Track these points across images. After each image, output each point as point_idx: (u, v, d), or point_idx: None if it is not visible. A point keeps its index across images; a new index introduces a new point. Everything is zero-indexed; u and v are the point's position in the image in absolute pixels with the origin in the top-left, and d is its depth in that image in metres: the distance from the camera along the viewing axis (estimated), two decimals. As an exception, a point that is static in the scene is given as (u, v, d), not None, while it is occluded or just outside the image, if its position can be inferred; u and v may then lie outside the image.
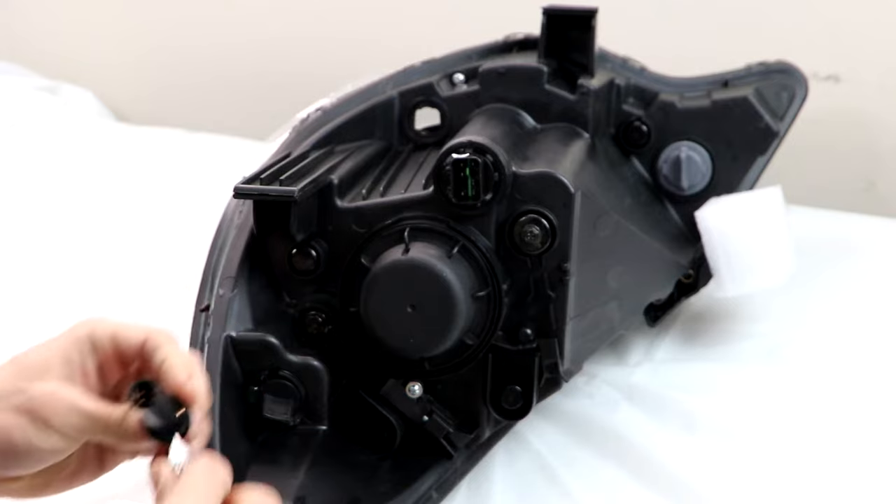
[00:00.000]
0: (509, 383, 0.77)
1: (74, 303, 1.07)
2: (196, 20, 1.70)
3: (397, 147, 0.91)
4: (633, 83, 0.96)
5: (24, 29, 1.86)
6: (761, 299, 0.98)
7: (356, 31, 1.56)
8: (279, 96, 1.33)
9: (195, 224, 0.88)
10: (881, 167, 1.30)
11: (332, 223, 0.77)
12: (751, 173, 0.96)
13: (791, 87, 0.98)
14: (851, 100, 1.28)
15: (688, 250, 0.94)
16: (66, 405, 0.59)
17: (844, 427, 0.84)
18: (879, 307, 1.00)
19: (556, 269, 0.75)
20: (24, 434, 0.59)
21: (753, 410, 0.86)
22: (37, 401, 0.59)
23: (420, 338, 0.73)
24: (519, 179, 0.74)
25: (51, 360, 0.61)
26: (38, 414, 0.59)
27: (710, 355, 0.95)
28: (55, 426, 0.59)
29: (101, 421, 0.59)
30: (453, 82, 0.92)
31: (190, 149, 1.48)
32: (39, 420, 0.59)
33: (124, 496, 0.80)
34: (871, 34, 1.26)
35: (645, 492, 0.79)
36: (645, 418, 0.86)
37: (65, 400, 0.59)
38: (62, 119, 1.60)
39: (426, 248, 0.73)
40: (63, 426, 0.59)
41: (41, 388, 0.59)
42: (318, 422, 0.77)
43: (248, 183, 0.74)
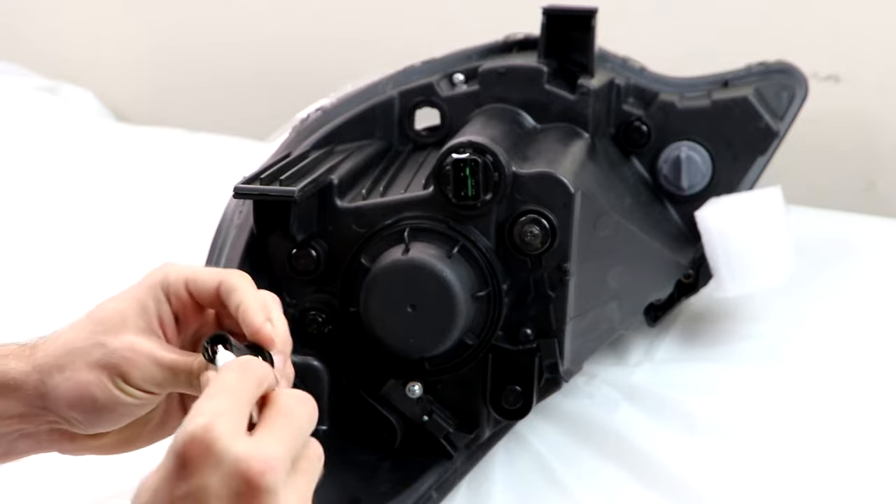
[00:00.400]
0: (509, 383, 0.77)
1: (75, 302, 1.07)
2: (196, 20, 1.70)
3: (397, 147, 0.91)
4: (633, 83, 0.96)
5: (24, 29, 1.86)
6: (761, 299, 0.98)
7: (356, 31, 1.56)
8: (279, 96, 1.33)
9: (195, 224, 0.88)
10: (881, 167, 1.30)
11: (332, 223, 0.77)
12: (751, 173, 0.96)
13: (791, 87, 0.98)
14: (851, 100, 1.28)
15: (688, 250, 0.94)
16: (145, 359, 0.57)
17: (844, 427, 0.84)
18: (879, 307, 1.00)
19: (556, 269, 0.75)
20: (106, 390, 0.57)
21: (753, 410, 0.86)
22: (116, 356, 0.57)
23: (420, 338, 0.73)
24: (519, 179, 0.74)
25: (126, 311, 0.59)
26: (118, 369, 0.57)
27: (710, 355, 0.95)
28: (135, 381, 0.57)
29: (182, 373, 0.58)
30: (453, 82, 0.92)
31: (190, 149, 1.48)
32: (119, 376, 0.57)
33: (124, 496, 0.80)
34: (871, 34, 1.26)
35: (645, 492, 0.79)
36: (645, 418, 0.86)
37: (144, 354, 0.58)
38: (62, 119, 1.60)
39: (426, 248, 0.73)
40: (143, 381, 0.58)
41: (119, 341, 0.58)
42: (319, 422, 0.77)
43: (248, 183, 0.74)
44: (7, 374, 0.59)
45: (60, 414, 0.59)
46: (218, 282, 0.59)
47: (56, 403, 0.58)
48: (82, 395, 0.57)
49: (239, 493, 0.46)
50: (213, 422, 0.46)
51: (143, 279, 0.61)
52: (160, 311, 0.60)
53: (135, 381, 0.57)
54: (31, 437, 0.61)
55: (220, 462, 0.46)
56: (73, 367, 0.58)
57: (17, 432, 0.60)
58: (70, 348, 0.58)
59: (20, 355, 0.60)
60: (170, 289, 0.60)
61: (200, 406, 0.48)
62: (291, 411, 0.51)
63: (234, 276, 0.60)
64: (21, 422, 0.59)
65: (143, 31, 1.76)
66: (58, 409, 0.58)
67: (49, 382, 0.58)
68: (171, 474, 0.47)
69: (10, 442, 0.60)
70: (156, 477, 0.47)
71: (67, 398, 0.58)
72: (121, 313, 0.59)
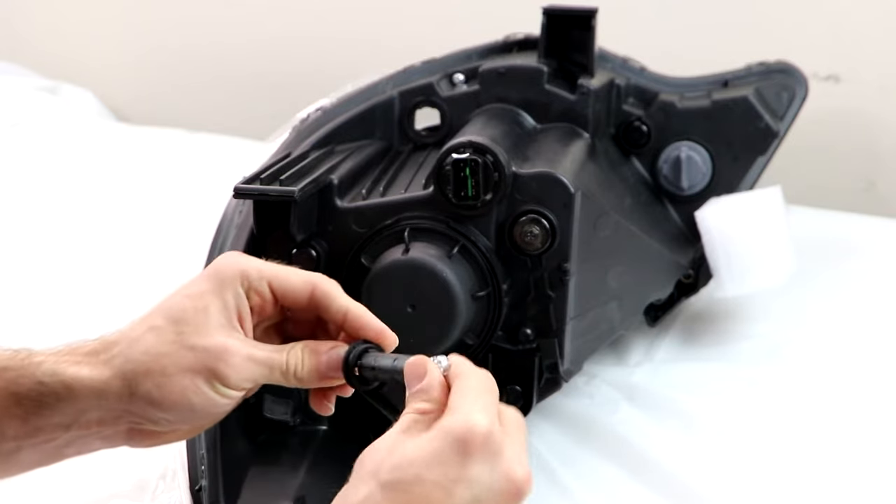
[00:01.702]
0: (509, 383, 0.77)
1: (75, 302, 1.07)
2: (196, 20, 1.70)
3: (397, 147, 0.91)
4: (633, 83, 0.96)
5: (24, 29, 1.86)
6: (761, 299, 0.98)
7: (356, 31, 1.56)
8: (279, 96, 1.34)
9: (195, 224, 0.88)
10: (881, 167, 1.30)
11: (332, 223, 0.77)
12: (751, 173, 0.96)
13: (791, 87, 0.98)
14: (851, 100, 1.28)
15: (688, 250, 0.94)
16: (241, 359, 0.57)
17: (844, 427, 0.84)
18: (879, 307, 1.00)
19: (556, 269, 0.75)
20: (203, 394, 0.57)
21: (753, 410, 0.86)
22: (210, 359, 0.57)
23: (420, 338, 0.73)
24: (519, 179, 0.74)
25: (208, 308, 0.58)
26: (214, 373, 0.57)
27: (710, 355, 0.95)
28: (233, 382, 0.57)
29: (276, 368, 0.58)
30: (453, 82, 0.92)
31: (190, 149, 1.48)
32: (216, 378, 0.57)
33: (124, 496, 0.81)
34: (871, 34, 1.26)
35: (644, 491, 0.79)
36: (645, 418, 0.86)
37: (239, 354, 0.57)
38: (62, 119, 1.60)
39: (426, 248, 0.73)
40: (240, 380, 0.57)
41: (210, 342, 0.57)
42: (318, 422, 0.77)
43: (248, 183, 0.74)
44: (82, 382, 0.57)
45: (148, 417, 0.58)
46: (311, 286, 0.60)
47: (146, 409, 0.57)
48: (178, 401, 0.57)
49: (504, 492, 0.50)
50: (495, 427, 0.51)
51: (213, 273, 0.60)
52: (240, 306, 0.59)
53: (232, 382, 0.57)
54: (109, 438, 0.60)
55: (496, 459, 0.50)
56: (164, 373, 0.57)
57: (95, 434, 0.59)
58: (156, 353, 0.57)
59: (93, 362, 0.58)
60: (251, 285, 0.59)
61: (472, 404, 0.51)
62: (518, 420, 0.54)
63: (327, 281, 0.61)
64: (100, 425, 0.59)
65: (143, 31, 1.76)
66: (146, 413, 0.58)
67: (138, 390, 0.57)
68: (445, 454, 0.50)
69: (84, 442, 0.59)
70: (421, 451, 0.50)
71: (162, 404, 0.57)
72: (203, 312, 0.58)
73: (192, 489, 0.73)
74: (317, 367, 0.59)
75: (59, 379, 0.57)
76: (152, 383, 0.57)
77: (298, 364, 0.59)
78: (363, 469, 0.51)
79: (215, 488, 0.72)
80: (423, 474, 0.49)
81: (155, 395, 0.57)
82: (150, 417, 0.58)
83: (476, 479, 0.50)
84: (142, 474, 0.82)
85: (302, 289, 0.60)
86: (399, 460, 0.50)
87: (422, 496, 0.49)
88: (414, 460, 0.50)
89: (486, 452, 0.50)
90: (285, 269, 0.61)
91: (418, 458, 0.50)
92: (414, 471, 0.50)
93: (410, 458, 0.50)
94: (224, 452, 0.73)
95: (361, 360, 0.59)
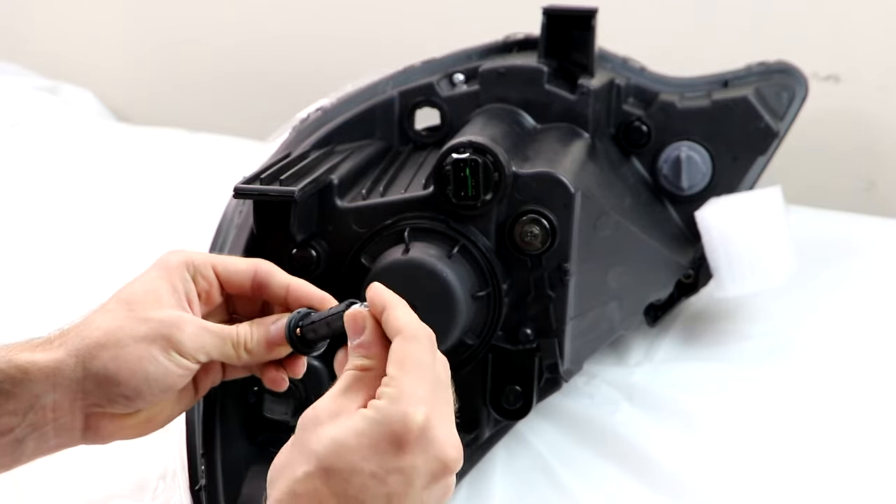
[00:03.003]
0: (509, 383, 0.77)
1: (75, 302, 1.07)
2: (196, 20, 1.70)
3: (397, 147, 0.91)
4: (633, 83, 0.96)
5: (24, 29, 1.86)
6: (761, 299, 0.98)
7: (356, 30, 1.56)
8: (279, 96, 1.33)
9: (195, 224, 0.88)
10: (881, 167, 1.30)
11: (332, 223, 0.77)
12: (751, 173, 0.96)
13: (791, 87, 0.98)
14: (851, 100, 1.28)
15: (688, 250, 0.94)
16: (195, 327, 0.60)
17: (844, 427, 0.84)
18: (879, 307, 1.00)
19: (556, 269, 0.75)
20: (157, 362, 0.59)
21: (753, 410, 0.86)
22: (166, 327, 0.59)
23: (420, 338, 0.73)
24: (519, 179, 0.74)
25: (159, 290, 0.61)
26: (170, 340, 0.59)
27: (710, 355, 0.95)
28: (187, 349, 0.60)
29: (228, 339, 0.61)
30: (453, 82, 0.92)
31: (190, 149, 1.48)
32: (172, 345, 0.59)
33: (124, 496, 0.81)
34: (871, 34, 1.26)
35: (644, 491, 0.79)
36: (645, 418, 0.86)
37: (194, 323, 0.60)
38: (62, 119, 1.60)
39: (426, 248, 0.73)
40: (195, 349, 0.60)
41: (164, 314, 0.60)
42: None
43: (248, 183, 0.74)
44: (37, 364, 0.59)
45: (104, 394, 0.59)
46: (254, 267, 0.64)
47: (101, 384, 0.59)
48: (134, 370, 0.59)
49: (435, 472, 0.53)
50: (431, 414, 0.52)
51: (161, 263, 0.63)
52: (188, 290, 0.62)
53: (187, 349, 0.60)
54: (65, 430, 0.61)
55: (429, 446, 0.52)
56: (119, 344, 0.59)
57: (51, 425, 0.60)
58: (111, 327, 0.59)
59: (48, 347, 0.60)
60: (197, 271, 0.63)
61: (412, 388, 0.53)
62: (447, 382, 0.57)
63: (267, 263, 0.64)
64: (55, 412, 0.60)
65: (143, 31, 1.76)
66: (101, 390, 0.59)
67: (93, 365, 0.59)
68: (382, 448, 0.52)
69: (41, 437, 0.60)
70: (358, 439, 0.52)
71: (117, 376, 0.59)
72: (153, 293, 0.61)
73: (192, 489, 0.73)
74: (265, 337, 0.62)
75: (13, 364, 0.59)
76: (108, 355, 0.59)
77: (248, 335, 0.62)
78: (305, 435, 0.53)
79: (215, 488, 0.72)
80: (360, 465, 0.51)
81: (111, 368, 0.59)
82: (107, 395, 0.59)
83: (410, 467, 0.52)
84: (142, 474, 0.82)
85: (245, 271, 0.64)
86: (338, 445, 0.52)
87: (358, 485, 0.51)
88: (352, 448, 0.52)
89: (421, 443, 0.52)
90: (229, 257, 0.65)
91: (356, 446, 0.52)
92: (351, 459, 0.51)
93: (349, 446, 0.52)
94: (224, 452, 0.73)
95: (302, 322, 0.61)
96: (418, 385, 0.53)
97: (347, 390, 0.54)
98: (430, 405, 0.53)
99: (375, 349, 0.56)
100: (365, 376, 0.55)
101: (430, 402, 0.53)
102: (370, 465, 0.51)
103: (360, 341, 0.56)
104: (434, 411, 0.53)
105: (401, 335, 0.55)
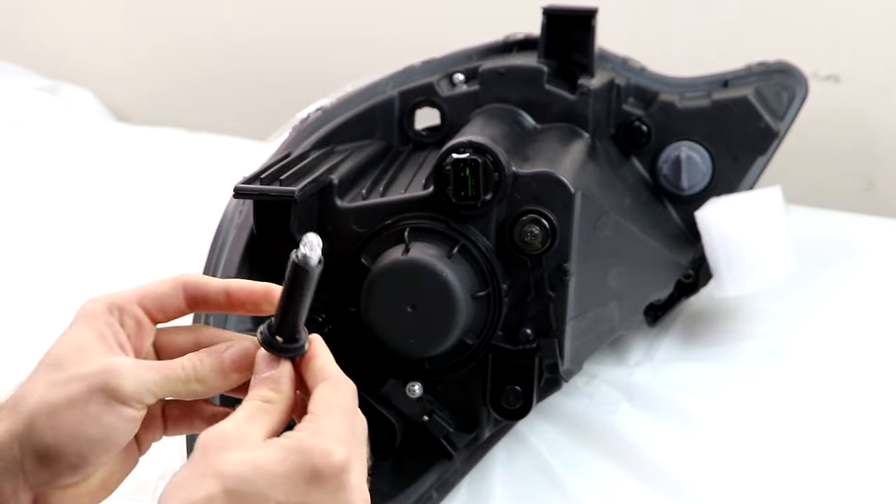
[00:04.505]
0: (509, 383, 0.77)
1: (74, 302, 1.07)
2: (196, 20, 1.70)
3: (397, 147, 0.91)
4: (633, 83, 0.96)
5: (24, 29, 1.86)
6: (761, 299, 0.98)
7: (356, 30, 1.56)
8: (279, 96, 1.33)
9: (195, 224, 0.88)
10: (881, 167, 1.30)
11: (332, 223, 0.77)
12: (751, 173, 0.96)
13: (791, 87, 0.98)
14: (851, 100, 1.28)
15: (688, 250, 0.94)
16: (134, 368, 0.55)
17: (844, 427, 0.84)
18: (879, 307, 1.00)
19: (556, 269, 0.75)
20: (98, 422, 0.54)
21: (753, 410, 0.86)
22: (101, 378, 0.54)
23: (420, 338, 0.73)
24: (519, 179, 0.74)
25: (87, 343, 0.56)
26: (108, 390, 0.54)
27: (710, 355, 0.95)
28: (130, 395, 0.54)
29: (172, 371, 0.56)
30: (453, 82, 0.92)
31: (190, 149, 1.48)
32: (111, 393, 0.54)
33: (124, 496, 0.80)
34: (871, 34, 1.26)
35: (645, 491, 0.79)
36: (645, 418, 0.86)
37: (130, 366, 0.55)
38: (62, 119, 1.60)
39: (426, 248, 0.73)
40: (138, 391, 0.55)
41: (96, 366, 0.55)
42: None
43: (248, 183, 0.74)
44: None
45: (48, 469, 0.55)
46: (181, 282, 0.59)
47: (41, 460, 0.54)
48: (74, 436, 0.54)
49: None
50: (351, 457, 0.51)
51: (81, 313, 0.58)
52: (116, 334, 0.57)
53: (128, 394, 0.55)
54: None
55: (342, 489, 0.51)
56: (53, 412, 0.54)
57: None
58: (42, 397, 0.54)
59: None
60: (122, 311, 0.58)
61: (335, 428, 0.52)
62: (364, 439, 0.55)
63: (190, 274, 0.60)
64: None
65: (143, 31, 1.76)
66: (43, 465, 0.54)
67: (30, 441, 0.54)
68: (295, 479, 0.50)
69: None
70: (271, 466, 0.50)
71: (56, 448, 0.54)
72: (81, 347, 0.56)
73: (192, 489, 0.72)
74: (220, 363, 0.57)
75: None
76: (44, 427, 0.54)
77: (197, 364, 0.57)
78: (208, 457, 0.50)
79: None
80: (267, 492, 0.49)
81: (48, 440, 0.54)
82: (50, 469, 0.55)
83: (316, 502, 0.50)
84: (142, 474, 0.82)
85: (173, 291, 0.59)
86: (249, 469, 0.49)
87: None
88: (263, 474, 0.49)
89: (336, 483, 0.50)
90: (150, 283, 0.59)
91: (268, 473, 0.49)
92: (260, 485, 0.49)
93: (261, 472, 0.49)
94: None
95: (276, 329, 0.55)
96: (341, 428, 0.52)
97: (251, 419, 0.52)
98: (351, 449, 0.51)
99: (285, 386, 0.54)
100: (268, 408, 0.53)
101: (351, 446, 0.52)
102: (278, 495, 0.49)
103: (270, 374, 0.54)
104: (354, 456, 0.51)
105: (327, 382, 0.54)
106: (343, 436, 0.52)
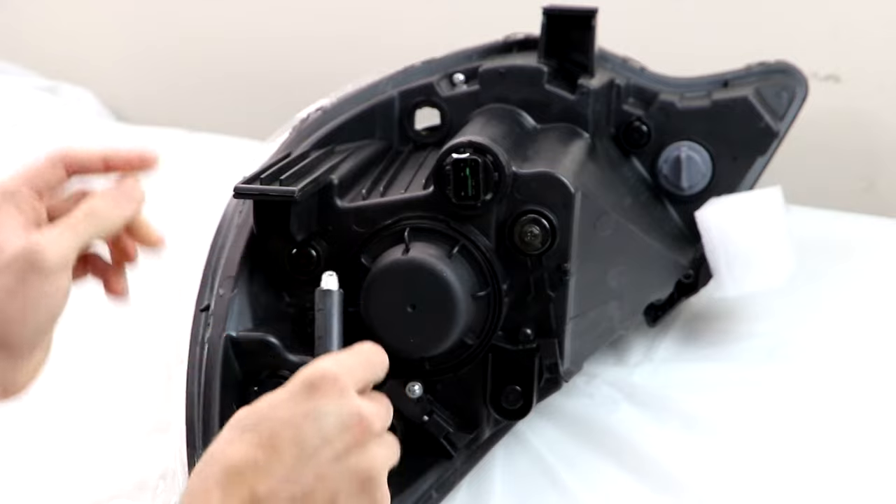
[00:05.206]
0: (509, 383, 0.77)
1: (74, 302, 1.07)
2: (196, 20, 1.70)
3: (397, 147, 0.91)
4: (633, 83, 0.96)
5: (24, 29, 1.85)
6: (761, 299, 0.98)
7: (356, 31, 1.56)
8: (279, 96, 1.33)
9: (195, 224, 0.88)
10: (881, 167, 1.30)
11: (332, 223, 0.77)
12: (751, 173, 0.96)
13: (791, 87, 0.98)
14: (851, 100, 1.28)
15: (688, 250, 0.94)
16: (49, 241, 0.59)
17: (844, 427, 0.84)
18: (879, 307, 1.00)
19: (556, 269, 0.75)
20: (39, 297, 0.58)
21: (753, 410, 0.86)
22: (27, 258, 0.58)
23: (420, 338, 0.73)
24: (519, 179, 0.74)
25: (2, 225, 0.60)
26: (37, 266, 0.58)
27: (710, 355, 0.95)
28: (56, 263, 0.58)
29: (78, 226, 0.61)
30: (453, 82, 0.92)
31: (190, 149, 1.48)
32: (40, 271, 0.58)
33: (124, 496, 0.81)
34: (871, 34, 1.26)
35: (644, 491, 0.79)
36: (645, 418, 0.86)
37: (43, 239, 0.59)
38: (62, 119, 1.60)
39: (426, 248, 0.73)
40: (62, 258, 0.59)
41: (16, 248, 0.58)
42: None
43: (248, 183, 0.74)
44: None
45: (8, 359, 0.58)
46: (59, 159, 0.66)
47: None
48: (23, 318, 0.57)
49: (350, 426, 0.53)
50: (342, 371, 0.55)
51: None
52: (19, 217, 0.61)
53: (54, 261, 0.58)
54: None
55: (344, 395, 0.54)
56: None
57: None
58: None
59: None
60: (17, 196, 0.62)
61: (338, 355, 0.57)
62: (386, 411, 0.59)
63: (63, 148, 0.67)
64: None
65: (143, 31, 1.76)
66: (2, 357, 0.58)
67: None
68: (295, 395, 0.54)
69: None
70: (277, 396, 0.54)
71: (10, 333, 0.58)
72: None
73: (192, 489, 0.72)
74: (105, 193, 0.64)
75: None
76: None
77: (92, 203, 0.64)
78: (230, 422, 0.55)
79: (215, 488, 0.72)
80: (274, 413, 0.53)
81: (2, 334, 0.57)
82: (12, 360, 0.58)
83: (322, 412, 0.53)
84: (142, 474, 0.82)
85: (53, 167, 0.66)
86: (256, 407, 0.54)
87: (271, 432, 0.52)
88: (269, 403, 0.54)
89: (334, 390, 0.54)
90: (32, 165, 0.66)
91: (272, 401, 0.54)
92: (266, 412, 0.53)
93: (266, 403, 0.54)
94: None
95: None
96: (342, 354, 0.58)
97: None
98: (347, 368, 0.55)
99: None
100: None
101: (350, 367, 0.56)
102: (283, 413, 0.53)
103: None
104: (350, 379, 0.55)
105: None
106: (342, 357, 0.57)
